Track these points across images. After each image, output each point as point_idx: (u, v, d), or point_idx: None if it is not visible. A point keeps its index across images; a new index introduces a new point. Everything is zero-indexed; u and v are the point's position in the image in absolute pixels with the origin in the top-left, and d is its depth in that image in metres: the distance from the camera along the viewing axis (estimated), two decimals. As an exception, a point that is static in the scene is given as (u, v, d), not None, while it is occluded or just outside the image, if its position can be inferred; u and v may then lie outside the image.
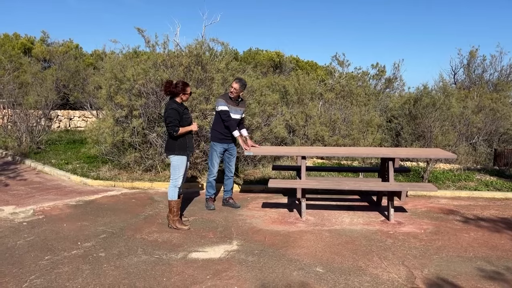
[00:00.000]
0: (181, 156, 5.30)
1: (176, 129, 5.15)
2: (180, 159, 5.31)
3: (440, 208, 6.31)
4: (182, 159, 5.31)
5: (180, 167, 5.34)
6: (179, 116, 5.19)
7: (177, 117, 5.17)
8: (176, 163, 5.34)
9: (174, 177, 5.33)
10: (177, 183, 5.32)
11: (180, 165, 5.33)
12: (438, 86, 8.61)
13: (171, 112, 5.19)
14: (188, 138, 5.34)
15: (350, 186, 5.40)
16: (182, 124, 5.24)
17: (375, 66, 17.63)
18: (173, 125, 5.15)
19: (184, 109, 5.32)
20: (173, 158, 5.33)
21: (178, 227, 5.27)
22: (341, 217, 5.84)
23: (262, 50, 34.83)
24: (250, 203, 6.58)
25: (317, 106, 10.62)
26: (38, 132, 10.22)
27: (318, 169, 7.32)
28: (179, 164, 5.33)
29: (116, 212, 5.95)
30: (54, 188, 7.34)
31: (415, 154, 5.66)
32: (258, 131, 8.10)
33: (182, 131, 5.21)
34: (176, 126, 5.16)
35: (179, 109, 5.22)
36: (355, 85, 14.90)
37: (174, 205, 5.31)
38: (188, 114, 5.38)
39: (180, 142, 5.29)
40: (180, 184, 5.34)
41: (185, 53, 8.29)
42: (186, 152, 5.31)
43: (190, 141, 5.36)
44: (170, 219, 5.33)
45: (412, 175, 8.21)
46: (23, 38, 25.16)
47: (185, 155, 5.31)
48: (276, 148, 6.49)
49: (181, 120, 5.23)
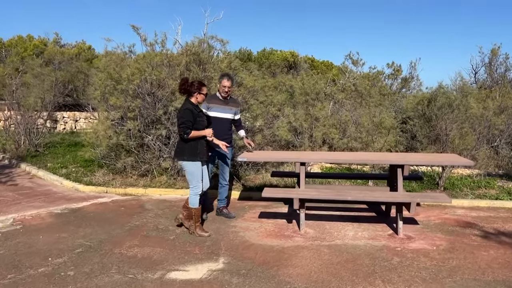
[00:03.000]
0: (192, 162, 4.87)
1: (188, 131, 4.74)
2: (193, 165, 4.89)
3: (456, 220, 5.69)
4: (194, 165, 4.90)
5: (194, 174, 4.93)
6: (193, 118, 4.78)
7: (190, 119, 4.76)
8: (190, 169, 4.93)
9: (191, 185, 4.97)
10: (197, 190, 4.96)
11: (194, 171, 4.92)
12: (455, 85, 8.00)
13: (185, 113, 4.80)
14: (200, 143, 4.90)
15: (353, 196, 4.85)
16: (196, 127, 4.82)
17: (390, 65, 16.89)
18: (185, 127, 4.74)
19: (199, 111, 4.91)
20: (184, 164, 4.94)
21: (199, 233, 4.99)
22: (344, 229, 5.28)
23: (276, 50, 34.37)
24: (247, 212, 6.08)
25: (327, 107, 10.05)
26: (37, 134, 9.92)
27: (323, 175, 6.77)
28: (193, 170, 4.91)
29: (101, 222, 5.52)
30: (43, 195, 6.97)
31: (428, 161, 5.07)
32: (259, 134, 7.59)
33: (194, 134, 4.79)
34: (188, 128, 4.75)
35: (194, 110, 4.82)
36: (369, 84, 14.26)
37: (194, 212, 4.99)
38: (203, 117, 4.96)
39: (190, 146, 4.86)
40: (200, 191, 4.98)
41: (182, 51, 7.84)
42: (197, 158, 4.86)
43: (202, 147, 4.92)
44: (191, 226, 5.05)
45: (426, 182, 7.58)
46: (36, 39, 25.25)
47: (197, 161, 4.88)
48: (274, 153, 5.97)
49: (195, 123, 4.81)
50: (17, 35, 25.20)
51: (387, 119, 7.66)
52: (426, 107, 7.91)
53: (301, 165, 5.25)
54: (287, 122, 7.73)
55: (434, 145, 7.28)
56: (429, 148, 7.35)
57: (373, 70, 16.91)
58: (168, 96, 7.56)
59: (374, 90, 14.12)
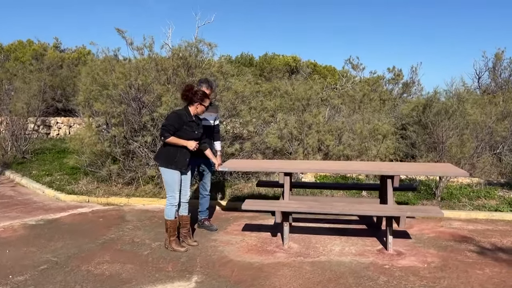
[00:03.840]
0: (169, 169, 4.60)
1: (166, 135, 4.51)
2: (169, 173, 4.62)
3: (452, 234, 5.35)
4: (171, 173, 4.62)
5: (169, 183, 4.66)
6: (179, 124, 4.55)
7: (175, 123, 4.54)
8: (165, 177, 4.69)
9: (168, 194, 4.69)
10: (172, 201, 4.67)
11: (170, 181, 4.65)
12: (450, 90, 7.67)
13: (171, 116, 4.65)
14: (180, 152, 4.62)
15: (338, 209, 4.53)
16: (179, 134, 4.57)
17: (391, 70, 16.55)
18: (165, 130, 4.53)
19: (191, 121, 4.64)
20: (162, 170, 4.69)
21: (175, 248, 4.68)
22: (331, 244, 4.96)
23: (278, 55, 34.10)
24: (231, 224, 5.77)
25: (322, 112, 9.74)
26: (25, 140, 9.69)
27: (312, 185, 6.45)
28: (168, 180, 4.66)
29: (75, 235, 5.24)
30: (22, 204, 6.71)
31: (419, 171, 4.76)
32: (248, 141, 7.29)
33: (174, 141, 4.55)
34: (168, 132, 4.51)
35: (183, 116, 4.60)
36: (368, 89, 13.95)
37: (169, 224, 4.69)
38: (193, 128, 4.68)
39: (168, 152, 4.62)
40: (176, 202, 4.67)
41: (170, 55, 7.58)
42: (172, 166, 4.58)
43: (182, 156, 4.63)
44: (166, 239, 4.77)
45: (424, 191, 7.24)
46: (36, 44, 25.18)
47: (172, 169, 4.59)
48: (256, 162, 5.68)
49: (180, 130, 4.57)
50: (17, 40, 25.16)
51: (381, 125, 7.32)
52: (422, 113, 7.58)
53: (285, 175, 4.94)
54: (277, 129, 7.41)
55: (431, 152, 6.93)
56: (425, 157, 7.01)
57: (374, 74, 16.64)
58: (154, 101, 7.29)
59: (374, 95, 13.83)
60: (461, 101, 6.73)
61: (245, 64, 33.38)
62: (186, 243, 4.90)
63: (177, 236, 4.80)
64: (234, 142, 7.41)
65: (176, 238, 4.78)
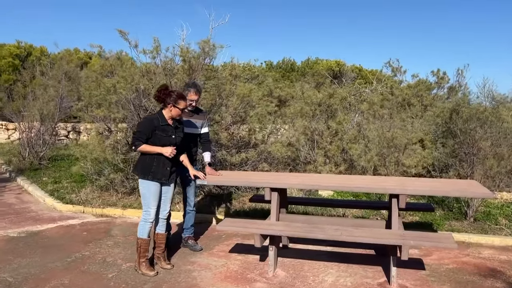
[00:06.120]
0: (146, 180, 4.10)
1: (137, 143, 4.05)
2: (145, 184, 4.13)
3: (477, 266, 4.42)
4: (147, 185, 4.12)
5: (145, 196, 4.16)
6: (150, 130, 4.07)
7: (146, 130, 4.07)
8: (141, 189, 4.21)
9: (143, 209, 4.20)
10: (147, 216, 4.16)
11: (146, 193, 4.15)
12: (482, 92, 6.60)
13: (141, 123, 4.26)
14: (157, 160, 4.11)
15: (327, 235, 3.79)
16: (153, 140, 4.08)
17: (435, 73, 15.23)
18: (135, 138, 4.09)
19: (164, 125, 4.13)
20: (139, 182, 4.20)
21: (143, 272, 4.16)
22: (324, 272, 4.22)
23: (321, 60, 33.19)
24: (220, 243, 5.16)
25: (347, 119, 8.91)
26: (42, 146, 9.61)
27: (304, 202, 5.68)
28: (145, 192, 4.17)
29: (48, 250, 4.84)
30: (16, 213, 6.47)
31: (432, 190, 3.92)
32: (253, 150, 6.65)
33: (145, 149, 4.07)
34: (138, 140, 4.05)
35: (155, 121, 4.11)
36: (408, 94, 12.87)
37: (140, 243, 4.17)
38: (167, 132, 4.15)
39: (144, 161, 4.14)
40: (151, 218, 4.16)
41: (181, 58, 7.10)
42: (148, 177, 4.08)
43: (159, 165, 4.12)
44: (135, 260, 4.26)
45: (457, 209, 6.26)
46: (82, 52, 25.97)
47: (151, 181, 4.09)
48: (242, 174, 5.03)
49: (152, 137, 4.08)
50: (65, 49, 26.02)
51: (400, 133, 6.41)
52: (449, 120, 6.58)
53: (272, 190, 4.27)
54: (290, 136, 6.72)
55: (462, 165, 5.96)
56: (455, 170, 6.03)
57: (416, 78, 15.43)
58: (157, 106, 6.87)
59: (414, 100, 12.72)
60: (495, 106, 5.72)
61: (286, 69, 32.73)
62: (159, 265, 4.35)
63: (147, 257, 4.25)
64: (240, 151, 6.81)
65: (146, 260, 4.23)
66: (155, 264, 4.37)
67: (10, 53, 23.06)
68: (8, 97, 11.07)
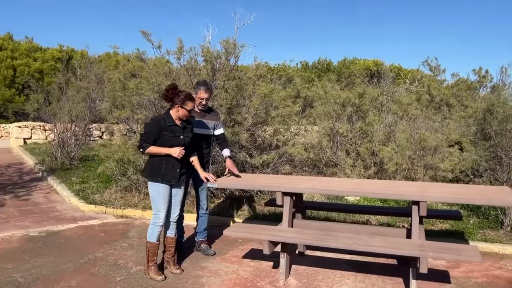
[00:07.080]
0: (155, 183, 4.03)
1: (144, 145, 3.98)
2: (155, 187, 4.06)
3: (510, 280, 4.04)
4: (157, 188, 4.04)
5: (154, 198, 4.10)
6: (157, 132, 4.00)
7: (153, 132, 4.00)
8: (150, 192, 4.14)
9: (153, 212, 4.14)
10: (157, 220, 4.09)
11: (154, 195, 4.09)
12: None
13: (148, 124, 4.16)
14: (166, 162, 4.03)
15: (339, 243, 3.55)
16: (161, 141, 4.01)
17: (477, 71, 14.44)
18: (142, 140, 4.02)
19: (172, 125, 4.05)
20: (149, 185, 4.13)
21: (151, 276, 4.08)
22: (339, 282, 3.97)
23: (359, 59, 32.48)
24: (234, 248, 5.01)
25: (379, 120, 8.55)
26: (74, 146, 9.82)
27: (324, 207, 5.41)
28: (154, 195, 4.10)
29: (64, 251, 4.86)
30: (41, 212, 6.58)
31: (456, 196, 3.60)
32: (275, 152, 6.45)
33: (153, 150, 3.99)
34: (146, 142, 3.98)
35: (162, 121, 4.04)
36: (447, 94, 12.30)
37: (149, 247, 4.11)
38: (175, 133, 4.07)
39: (152, 163, 4.07)
40: (161, 222, 4.09)
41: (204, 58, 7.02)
42: (157, 179, 4.01)
43: (168, 166, 4.04)
44: (144, 265, 4.21)
45: (492, 218, 5.82)
46: (120, 55, 26.59)
47: (161, 183, 4.02)
48: (254, 177, 4.83)
49: (160, 138, 4.00)
50: (105, 52, 26.78)
51: (428, 135, 6.01)
52: (483, 121, 6.11)
53: (284, 195, 4.08)
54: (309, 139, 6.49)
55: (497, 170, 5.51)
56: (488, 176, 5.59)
57: (455, 77, 14.73)
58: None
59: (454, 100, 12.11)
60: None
61: (322, 69, 32.24)
62: (169, 270, 4.26)
63: (156, 261, 4.16)
64: (262, 153, 6.63)
65: (154, 264, 4.14)
66: (165, 268, 4.28)
67: (52, 56, 24.00)
68: (44, 99, 11.40)
